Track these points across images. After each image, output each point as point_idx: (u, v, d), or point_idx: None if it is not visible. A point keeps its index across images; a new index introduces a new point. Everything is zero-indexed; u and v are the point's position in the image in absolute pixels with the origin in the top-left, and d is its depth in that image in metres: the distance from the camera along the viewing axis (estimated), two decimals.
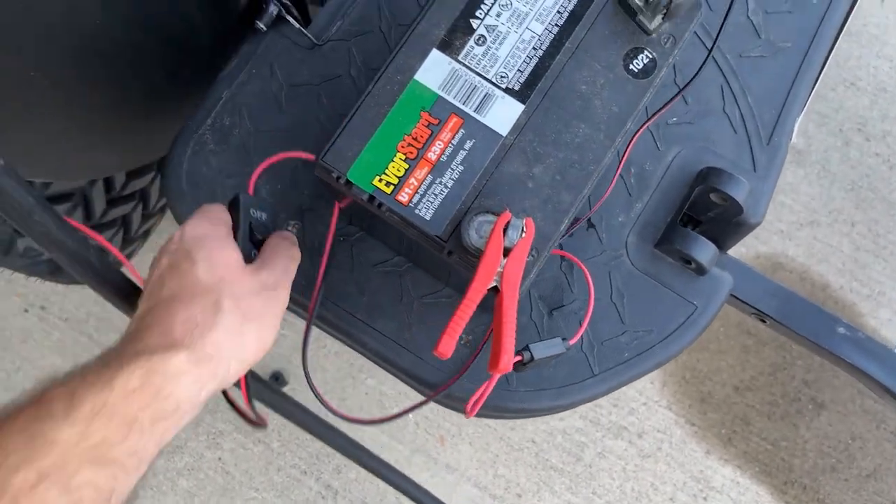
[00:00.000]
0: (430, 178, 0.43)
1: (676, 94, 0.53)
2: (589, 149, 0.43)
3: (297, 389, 1.14)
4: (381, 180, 0.43)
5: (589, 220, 0.60)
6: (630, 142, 0.54)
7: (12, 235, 0.83)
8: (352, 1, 0.62)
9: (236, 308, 0.40)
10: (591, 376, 0.58)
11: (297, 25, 0.61)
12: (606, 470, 1.13)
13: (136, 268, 0.49)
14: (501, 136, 0.43)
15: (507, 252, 0.39)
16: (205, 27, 0.62)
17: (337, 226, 0.60)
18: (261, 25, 0.60)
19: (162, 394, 0.36)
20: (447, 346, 0.38)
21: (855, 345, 0.63)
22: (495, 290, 0.39)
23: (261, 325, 0.42)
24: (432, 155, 0.43)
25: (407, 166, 0.43)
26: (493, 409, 0.59)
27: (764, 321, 0.66)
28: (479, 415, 0.68)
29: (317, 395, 0.55)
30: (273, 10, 0.59)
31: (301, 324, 1.03)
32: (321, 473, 1.13)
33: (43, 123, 0.57)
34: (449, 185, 0.43)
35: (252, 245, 0.47)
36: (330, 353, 1.16)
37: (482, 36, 0.44)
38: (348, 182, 0.43)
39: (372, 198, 0.43)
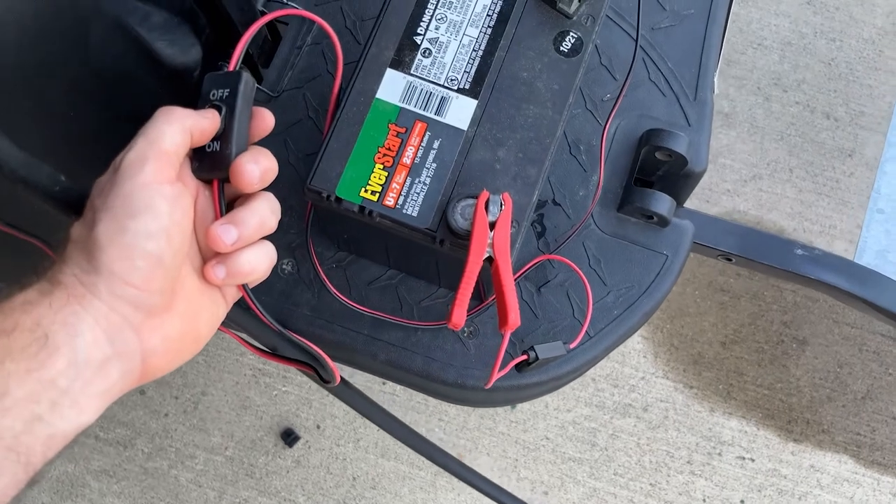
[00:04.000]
0: (409, 179, 0.47)
1: (624, 86, 0.59)
2: (542, 125, 0.49)
3: (310, 443, 1.16)
4: (366, 191, 0.47)
5: (554, 199, 0.65)
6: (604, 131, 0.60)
7: None
8: (296, 52, 0.67)
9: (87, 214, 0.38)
10: (588, 339, 0.62)
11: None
12: (622, 449, 1.17)
13: None
14: (463, 130, 0.48)
15: (492, 226, 0.44)
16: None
17: (327, 254, 0.64)
18: None
19: None
20: (459, 317, 0.42)
21: (814, 262, 0.69)
22: (489, 262, 0.44)
23: (119, 211, 0.37)
24: (407, 160, 0.48)
25: (387, 174, 0.47)
26: (509, 390, 0.63)
27: (730, 259, 0.71)
28: (497, 402, 0.71)
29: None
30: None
31: (301, 378, 1.06)
32: None
33: None
34: (427, 182, 0.47)
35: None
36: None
37: (427, 49, 0.49)
38: (338, 199, 0.47)
39: (362, 208, 0.47)
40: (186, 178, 0.42)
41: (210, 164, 0.42)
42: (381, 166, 0.47)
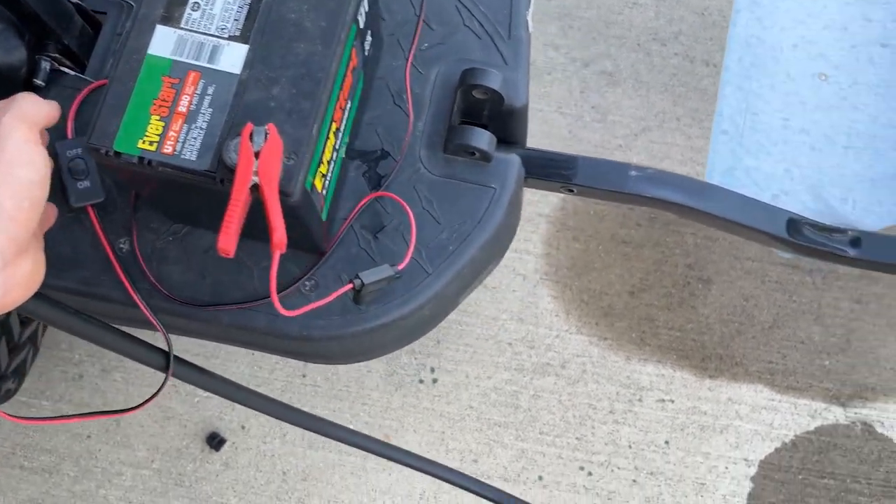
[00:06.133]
0: (185, 126, 0.49)
1: (419, 19, 0.61)
2: (313, 61, 0.51)
3: (236, 444, 1.16)
4: (144, 142, 0.49)
5: (383, 149, 0.67)
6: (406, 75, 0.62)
7: None
8: (117, 39, 0.69)
9: None
10: (426, 276, 0.64)
11: (74, 73, 0.67)
12: (545, 408, 1.18)
13: None
14: (236, 74, 0.50)
15: (257, 155, 0.46)
16: None
17: (163, 228, 0.65)
18: (39, 82, 0.66)
19: None
20: (225, 242, 0.44)
21: (648, 180, 0.71)
22: (256, 189, 0.46)
23: (8, 161, 0.43)
24: (182, 108, 0.49)
25: (163, 124, 0.49)
26: (359, 336, 0.64)
27: (572, 190, 0.73)
28: (354, 353, 0.72)
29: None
30: (46, 65, 0.66)
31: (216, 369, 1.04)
32: None
33: None
34: (204, 127, 0.49)
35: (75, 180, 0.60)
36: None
37: (196, 3, 0.51)
38: (117, 153, 0.49)
39: (141, 158, 0.49)
40: None
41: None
42: (158, 117, 0.49)
